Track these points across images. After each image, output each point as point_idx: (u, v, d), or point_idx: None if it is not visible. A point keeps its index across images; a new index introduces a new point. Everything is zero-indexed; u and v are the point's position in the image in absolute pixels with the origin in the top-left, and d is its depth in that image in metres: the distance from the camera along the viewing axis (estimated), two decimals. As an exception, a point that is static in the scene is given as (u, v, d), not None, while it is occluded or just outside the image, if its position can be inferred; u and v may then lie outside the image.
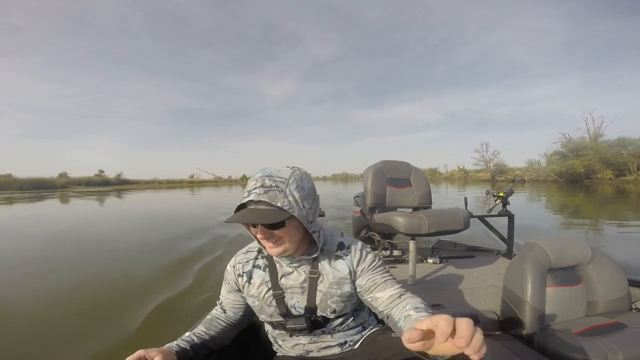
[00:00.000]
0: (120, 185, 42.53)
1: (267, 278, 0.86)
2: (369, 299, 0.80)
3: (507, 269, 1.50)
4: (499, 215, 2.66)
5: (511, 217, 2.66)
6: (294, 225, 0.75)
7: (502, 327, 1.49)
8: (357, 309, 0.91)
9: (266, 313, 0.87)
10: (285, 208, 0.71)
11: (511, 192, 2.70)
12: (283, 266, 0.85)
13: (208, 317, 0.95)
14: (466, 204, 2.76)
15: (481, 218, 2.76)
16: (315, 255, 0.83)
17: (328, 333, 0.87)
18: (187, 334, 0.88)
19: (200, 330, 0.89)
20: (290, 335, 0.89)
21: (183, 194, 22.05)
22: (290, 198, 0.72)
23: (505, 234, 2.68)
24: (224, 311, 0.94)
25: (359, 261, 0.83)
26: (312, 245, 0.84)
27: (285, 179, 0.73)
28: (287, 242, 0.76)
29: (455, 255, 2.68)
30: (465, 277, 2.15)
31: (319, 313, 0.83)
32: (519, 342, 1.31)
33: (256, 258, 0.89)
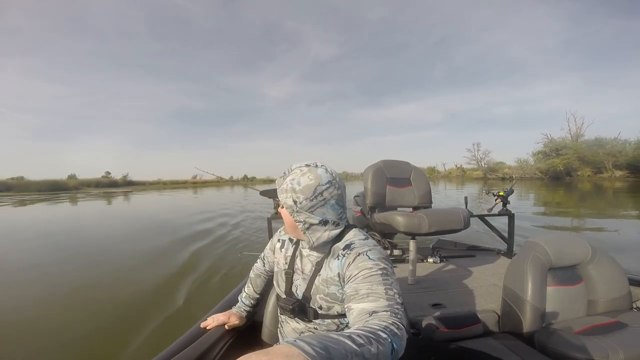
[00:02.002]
0: (128, 186, 42.91)
1: (289, 254, 0.96)
2: (345, 309, 0.73)
3: (508, 268, 1.50)
4: (499, 214, 2.66)
5: (511, 217, 2.66)
6: (285, 211, 0.84)
7: (503, 327, 1.50)
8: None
9: (277, 283, 0.98)
10: (280, 192, 0.83)
11: (511, 192, 2.70)
12: (303, 249, 0.93)
13: (252, 275, 1.18)
14: (466, 203, 2.76)
15: (481, 217, 2.76)
16: (313, 247, 0.85)
17: (315, 326, 0.88)
18: (243, 295, 1.19)
19: (251, 290, 1.18)
20: (281, 313, 0.96)
21: (201, 195, 22.01)
22: (285, 186, 0.81)
23: (505, 233, 2.68)
24: (264, 264, 1.14)
25: (348, 265, 0.79)
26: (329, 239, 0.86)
27: (291, 170, 0.83)
28: (285, 223, 0.88)
29: (456, 255, 2.68)
30: (466, 276, 2.15)
31: (311, 304, 0.86)
32: (520, 341, 1.31)
33: None
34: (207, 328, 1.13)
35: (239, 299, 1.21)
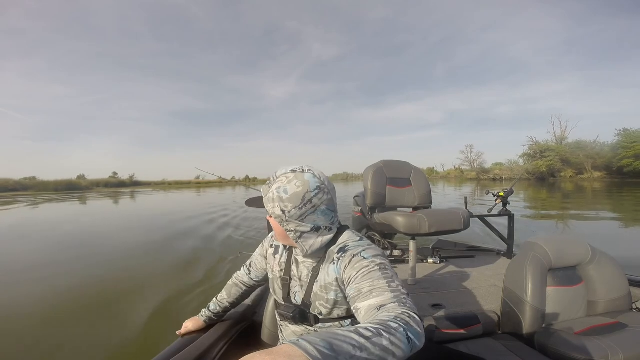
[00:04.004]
0: (135, 186, 44.76)
1: (284, 260, 0.94)
2: (353, 310, 0.71)
3: (508, 268, 1.50)
4: (499, 215, 2.66)
5: (511, 217, 2.65)
6: (274, 220, 0.81)
7: (503, 327, 1.49)
8: (352, 316, 0.85)
9: (274, 290, 0.96)
10: (266, 202, 0.79)
11: (511, 192, 2.70)
12: (297, 256, 0.91)
13: (230, 282, 1.15)
14: (466, 203, 2.77)
15: (481, 218, 2.76)
16: (307, 254, 0.83)
17: (316, 330, 0.87)
18: (212, 301, 1.16)
19: (223, 297, 1.15)
20: (281, 320, 0.95)
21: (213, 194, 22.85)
22: (271, 195, 0.78)
23: (505, 233, 2.68)
24: (249, 272, 1.10)
25: (345, 267, 0.77)
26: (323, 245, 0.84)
27: (276, 178, 0.79)
28: (275, 232, 0.86)
29: (456, 255, 2.68)
30: (466, 277, 2.15)
31: (311, 310, 0.85)
32: (520, 342, 1.31)
33: None
34: (179, 334, 1.13)
35: (209, 304, 1.18)
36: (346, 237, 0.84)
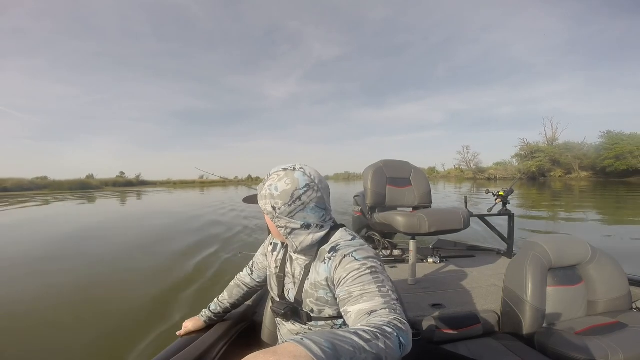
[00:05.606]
0: (142, 185, 46.92)
1: (280, 257, 0.96)
2: (342, 313, 0.71)
3: (508, 268, 1.50)
4: (499, 214, 2.66)
5: (511, 217, 2.65)
6: (267, 215, 0.84)
7: (503, 327, 1.50)
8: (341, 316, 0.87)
9: (271, 287, 0.98)
10: (259, 199, 0.82)
11: (511, 192, 2.70)
12: (292, 253, 0.92)
13: (232, 283, 1.16)
14: (466, 203, 2.76)
15: (481, 217, 2.76)
16: (297, 251, 0.84)
17: (310, 328, 0.87)
18: (214, 301, 1.18)
19: (224, 298, 1.16)
20: (275, 317, 0.96)
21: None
22: (264, 192, 0.80)
23: (505, 233, 2.68)
24: (252, 272, 1.12)
25: (335, 268, 0.77)
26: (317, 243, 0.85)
27: (269, 176, 0.82)
28: (269, 228, 0.88)
29: (456, 255, 2.68)
30: (466, 276, 2.15)
31: (303, 308, 0.85)
32: (520, 341, 1.31)
33: None
34: (179, 334, 1.13)
35: (209, 304, 1.19)
36: (339, 236, 0.84)
